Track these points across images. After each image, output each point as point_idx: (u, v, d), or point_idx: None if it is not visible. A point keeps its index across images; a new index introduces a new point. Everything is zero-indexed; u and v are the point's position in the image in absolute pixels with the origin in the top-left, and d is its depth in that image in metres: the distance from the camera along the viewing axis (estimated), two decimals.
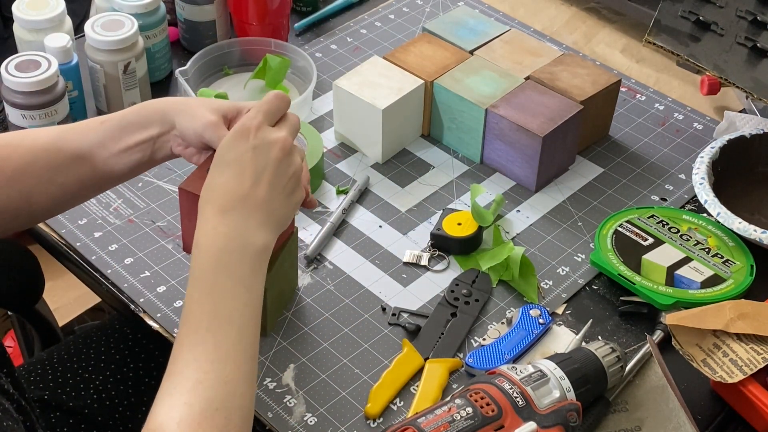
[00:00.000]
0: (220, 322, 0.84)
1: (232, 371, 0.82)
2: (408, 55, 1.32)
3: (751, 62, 1.26)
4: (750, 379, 0.95)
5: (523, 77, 1.29)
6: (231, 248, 0.87)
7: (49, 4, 1.31)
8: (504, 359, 1.03)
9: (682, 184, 1.27)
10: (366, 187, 1.25)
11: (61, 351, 1.23)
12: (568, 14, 1.58)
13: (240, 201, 0.89)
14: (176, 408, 0.78)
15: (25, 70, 1.20)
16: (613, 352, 0.96)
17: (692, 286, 1.10)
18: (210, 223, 0.88)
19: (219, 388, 0.80)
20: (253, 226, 0.89)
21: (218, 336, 0.83)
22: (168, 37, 1.40)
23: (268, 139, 0.92)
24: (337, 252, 1.16)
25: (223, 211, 0.88)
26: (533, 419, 0.86)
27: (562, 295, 1.12)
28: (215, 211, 0.89)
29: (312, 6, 1.55)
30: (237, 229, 0.88)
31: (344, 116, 1.29)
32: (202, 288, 0.86)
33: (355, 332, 1.07)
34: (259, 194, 0.90)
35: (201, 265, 0.87)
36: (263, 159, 0.91)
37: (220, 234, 0.87)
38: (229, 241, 0.88)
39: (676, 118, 1.37)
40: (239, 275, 0.87)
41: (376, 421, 0.98)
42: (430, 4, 1.58)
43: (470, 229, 1.16)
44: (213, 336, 0.83)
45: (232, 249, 0.87)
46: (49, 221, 1.18)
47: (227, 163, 0.91)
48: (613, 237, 1.15)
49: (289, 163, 0.94)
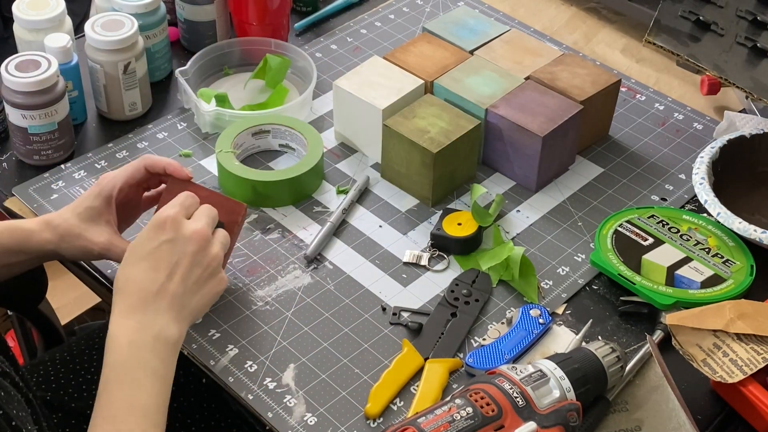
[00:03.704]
0: (133, 410, 0.86)
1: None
2: (408, 55, 1.32)
3: (751, 62, 1.26)
4: (750, 379, 0.95)
5: (523, 77, 1.29)
6: (142, 342, 0.90)
7: (49, 4, 1.31)
8: (504, 359, 1.03)
9: (682, 184, 1.27)
10: (366, 187, 1.25)
11: (64, 352, 1.23)
12: (568, 14, 1.58)
13: (152, 296, 0.92)
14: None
15: (25, 70, 1.20)
16: (613, 352, 0.96)
17: (692, 286, 1.10)
18: (122, 317, 0.91)
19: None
20: (165, 321, 0.91)
21: (131, 423, 0.85)
22: (168, 37, 1.40)
23: (184, 233, 0.95)
24: (337, 252, 1.16)
25: (134, 306, 0.91)
26: (533, 419, 0.86)
27: (562, 295, 1.12)
28: (128, 304, 0.91)
29: (312, 6, 1.55)
30: (149, 324, 0.90)
31: (344, 116, 1.29)
32: (114, 380, 0.88)
33: (355, 332, 1.07)
34: (171, 289, 0.93)
35: (113, 359, 0.89)
36: (178, 252, 0.94)
37: (131, 328, 0.90)
38: (141, 334, 0.90)
39: (676, 118, 1.37)
40: (151, 367, 0.89)
41: (376, 421, 0.98)
42: (430, 4, 1.58)
43: (470, 229, 1.16)
44: (125, 425, 0.85)
45: (143, 343, 0.90)
46: None
47: (142, 256, 0.94)
48: (613, 237, 1.15)
49: (205, 254, 0.96)
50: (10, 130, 1.25)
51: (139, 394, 0.87)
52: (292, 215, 1.21)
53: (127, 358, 0.88)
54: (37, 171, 1.26)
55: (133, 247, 0.95)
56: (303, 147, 1.25)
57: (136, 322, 0.90)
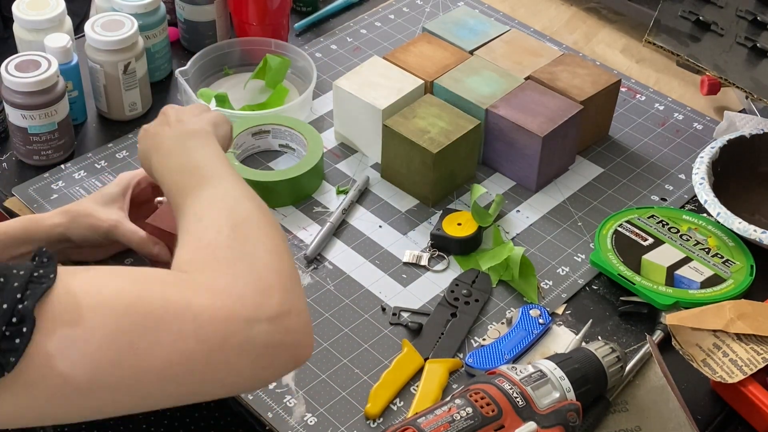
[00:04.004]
0: (205, 178, 0.87)
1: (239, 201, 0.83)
2: (408, 55, 1.32)
3: (751, 62, 1.26)
4: (750, 379, 0.95)
5: (523, 77, 1.29)
6: (176, 144, 0.94)
7: (49, 4, 1.31)
8: (504, 359, 1.03)
9: (682, 184, 1.27)
10: (366, 187, 1.25)
11: None
12: (568, 14, 1.58)
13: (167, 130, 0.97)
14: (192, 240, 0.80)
15: (25, 70, 1.20)
16: (613, 352, 0.96)
17: (692, 286, 1.10)
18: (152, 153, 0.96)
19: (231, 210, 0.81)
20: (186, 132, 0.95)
21: (209, 189, 0.85)
22: (168, 37, 1.40)
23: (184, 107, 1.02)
24: (337, 252, 1.16)
25: (159, 144, 0.95)
26: (533, 419, 0.86)
27: (562, 295, 1.12)
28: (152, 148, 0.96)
29: (312, 6, 1.55)
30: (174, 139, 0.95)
31: (344, 116, 1.29)
32: (172, 172, 0.91)
33: (355, 332, 1.07)
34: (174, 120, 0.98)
35: (160, 163, 0.93)
36: (178, 110, 1.01)
37: (163, 147, 0.94)
38: (173, 143, 0.94)
39: (676, 118, 1.37)
40: (196, 145, 0.93)
41: (376, 421, 0.99)
42: (430, 4, 1.58)
43: (470, 229, 1.16)
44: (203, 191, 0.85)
45: (176, 144, 0.94)
46: None
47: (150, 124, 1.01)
48: (613, 237, 1.15)
49: (204, 109, 1.02)
50: (10, 130, 1.25)
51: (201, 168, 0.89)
52: (292, 215, 1.21)
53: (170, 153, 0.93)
54: (37, 171, 1.26)
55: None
56: (303, 147, 1.25)
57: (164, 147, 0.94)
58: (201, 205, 0.83)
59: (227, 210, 0.81)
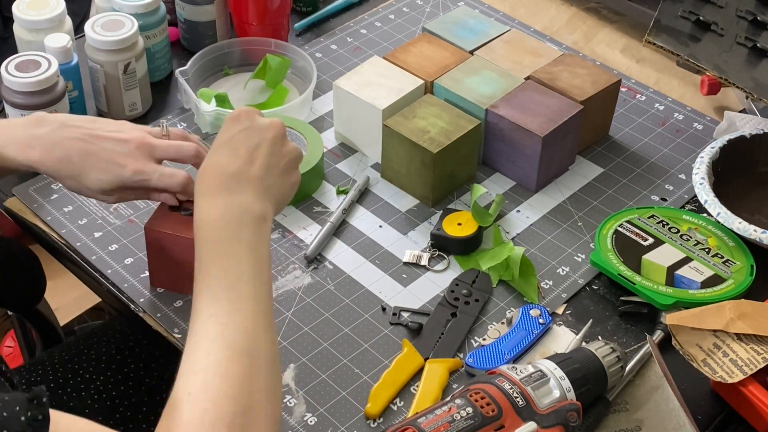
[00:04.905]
0: (231, 280, 0.84)
1: (251, 322, 0.82)
2: (408, 55, 1.32)
3: (751, 62, 1.26)
4: (750, 379, 0.95)
5: (523, 77, 1.29)
6: (230, 216, 0.89)
7: (49, 4, 1.31)
8: (504, 359, 1.03)
9: (682, 184, 1.27)
10: (366, 187, 1.25)
11: (62, 351, 1.23)
12: (568, 14, 1.58)
13: (233, 177, 0.91)
14: (201, 359, 0.79)
15: (25, 70, 1.20)
16: (613, 352, 0.96)
17: (692, 286, 1.10)
18: (206, 200, 0.90)
19: (239, 336, 0.80)
20: (249, 199, 0.90)
21: (231, 293, 0.83)
22: (168, 37, 1.40)
23: (261, 122, 0.96)
24: (337, 252, 1.16)
25: (218, 188, 0.90)
26: (533, 419, 0.86)
27: (562, 295, 1.12)
28: (211, 187, 0.91)
29: (312, 6, 1.55)
30: (233, 201, 0.89)
31: (344, 116, 1.29)
32: (209, 256, 0.86)
33: (355, 332, 1.07)
34: (252, 171, 0.92)
35: (204, 237, 0.88)
36: (257, 138, 0.94)
37: (217, 206, 0.89)
38: (228, 210, 0.89)
39: (676, 118, 1.37)
40: (242, 238, 0.88)
41: (376, 421, 0.99)
42: (430, 4, 1.58)
43: (470, 229, 1.16)
44: (227, 293, 0.83)
45: (231, 217, 0.89)
46: (49, 221, 1.18)
47: (220, 144, 0.94)
48: (613, 237, 1.15)
49: (284, 144, 0.96)
50: None
51: (235, 263, 0.85)
52: (292, 215, 1.21)
53: (218, 231, 0.87)
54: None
55: (214, 142, 0.95)
56: (303, 147, 1.25)
57: (221, 200, 0.89)
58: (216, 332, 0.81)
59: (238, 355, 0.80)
